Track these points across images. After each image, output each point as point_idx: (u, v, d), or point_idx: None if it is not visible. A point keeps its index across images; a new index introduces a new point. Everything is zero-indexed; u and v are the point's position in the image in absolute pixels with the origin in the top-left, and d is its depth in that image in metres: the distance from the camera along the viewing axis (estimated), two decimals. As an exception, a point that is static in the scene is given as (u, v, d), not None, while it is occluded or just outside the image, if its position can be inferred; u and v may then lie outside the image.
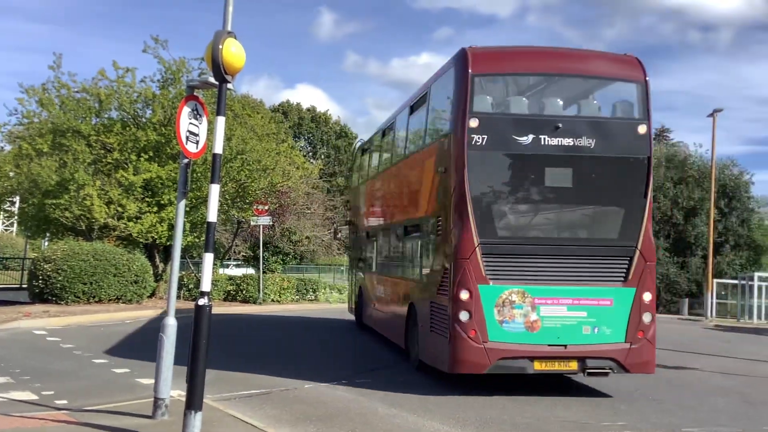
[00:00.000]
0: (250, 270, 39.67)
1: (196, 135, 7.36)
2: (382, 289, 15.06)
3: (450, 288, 9.37)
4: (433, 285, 10.26)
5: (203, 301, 6.50)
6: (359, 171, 19.00)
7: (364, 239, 17.45)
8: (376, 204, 16.14)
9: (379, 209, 15.67)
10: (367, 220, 17.17)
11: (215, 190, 6.73)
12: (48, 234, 26.24)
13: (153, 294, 22.66)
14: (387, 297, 14.42)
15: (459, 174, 9.32)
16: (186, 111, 7.23)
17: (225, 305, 23.86)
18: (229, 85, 6.85)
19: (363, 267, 17.65)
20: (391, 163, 14.33)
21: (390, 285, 14.14)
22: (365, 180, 17.57)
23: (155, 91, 21.93)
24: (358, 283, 18.31)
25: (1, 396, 8.36)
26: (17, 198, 26.40)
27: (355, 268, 19.03)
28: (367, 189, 17.13)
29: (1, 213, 33.48)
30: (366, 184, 17.37)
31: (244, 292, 25.24)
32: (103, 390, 8.93)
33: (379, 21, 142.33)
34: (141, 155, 20.87)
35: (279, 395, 9.09)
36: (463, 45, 9.95)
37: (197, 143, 7.41)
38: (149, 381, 8.26)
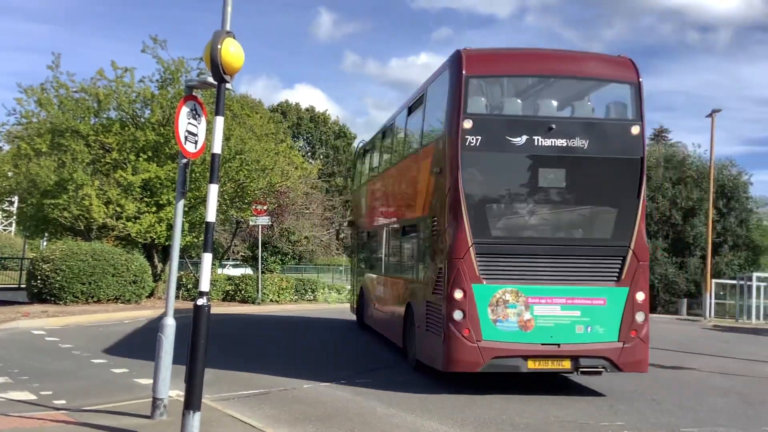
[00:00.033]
0: (246, 270, 39.70)
1: (194, 135, 7.36)
2: (381, 289, 15.12)
3: (444, 287, 9.46)
4: (429, 284, 10.33)
5: (202, 301, 6.49)
6: (360, 171, 19.10)
7: (365, 239, 17.54)
8: (376, 204, 16.21)
9: (379, 210, 15.73)
10: (368, 220, 17.24)
11: (214, 190, 6.72)
12: (46, 234, 26.20)
13: (152, 294, 22.65)
14: (386, 297, 14.47)
15: (453, 174, 9.41)
16: (185, 111, 7.23)
17: (224, 305, 23.85)
18: (228, 85, 6.85)
19: (364, 267, 17.74)
20: (390, 164, 14.39)
21: (388, 285, 14.19)
22: (366, 180, 17.68)
23: (154, 91, 21.92)
24: (359, 284, 18.37)
25: (0, 396, 8.35)
26: (16, 198, 26.39)
27: (357, 268, 19.13)
28: (368, 189, 17.21)
29: (0, 213, 33.46)
30: (367, 184, 17.46)
31: (242, 292, 25.24)
32: (102, 390, 8.93)
33: (378, 21, 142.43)
34: (140, 155, 20.86)
35: (278, 395, 9.08)
36: (462, 45, 10.00)
37: (196, 143, 7.41)
38: (148, 381, 8.26)
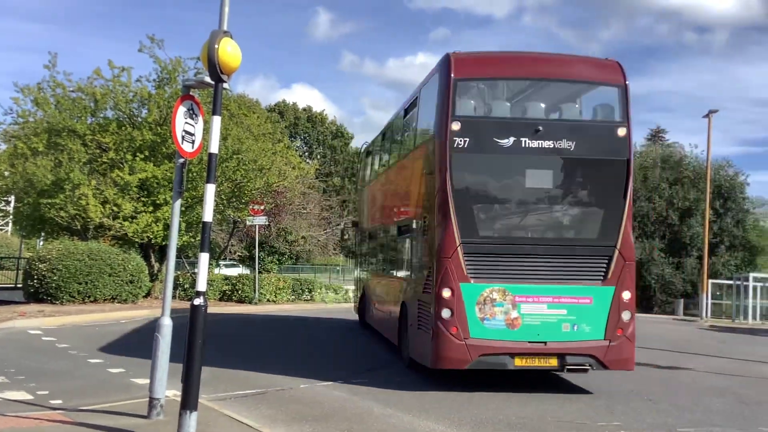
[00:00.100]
0: (240, 269, 39.67)
1: (191, 134, 7.36)
2: (380, 289, 15.30)
3: (433, 286, 9.62)
4: (420, 284, 10.52)
5: (199, 301, 6.49)
6: (363, 173, 19.41)
7: (366, 240, 17.76)
8: (376, 205, 16.42)
9: (378, 210, 15.94)
10: (369, 221, 17.49)
11: (211, 189, 6.72)
12: (43, 233, 26.15)
13: (148, 294, 22.62)
14: (384, 296, 14.64)
15: (441, 175, 9.57)
16: (182, 110, 7.23)
17: (221, 305, 23.83)
18: (225, 85, 6.85)
19: (365, 267, 17.95)
20: (388, 166, 14.61)
21: (387, 284, 14.37)
22: (367, 182, 17.96)
23: (151, 91, 21.87)
24: (361, 283, 18.57)
25: (-4, 396, 8.33)
26: (12, 197, 26.33)
27: (359, 268, 19.35)
28: (369, 191, 17.47)
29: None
30: (368, 185, 17.73)
31: (239, 292, 25.23)
32: (99, 390, 8.91)
33: (376, 21, 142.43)
34: (136, 155, 20.82)
35: (275, 395, 9.08)
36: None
37: (193, 143, 7.41)
38: (144, 381, 8.25)
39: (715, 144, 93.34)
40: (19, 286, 24.04)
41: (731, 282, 32.91)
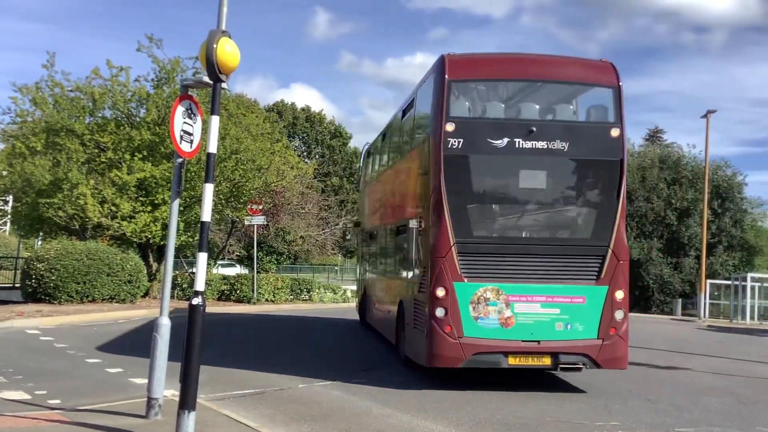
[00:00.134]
0: (237, 269, 39.66)
1: (190, 134, 7.35)
2: (379, 289, 15.42)
3: (427, 285, 9.70)
4: (416, 283, 10.61)
5: (197, 301, 6.49)
6: (364, 173, 19.54)
7: (367, 240, 17.91)
8: (376, 206, 16.56)
9: (378, 211, 16.07)
10: (369, 221, 17.62)
11: (209, 189, 6.72)
12: (41, 233, 26.11)
13: (147, 294, 22.61)
14: (383, 296, 14.74)
15: (436, 176, 9.65)
16: (180, 110, 7.22)
17: (219, 305, 23.82)
18: (224, 85, 6.85)
19: (366, 267, 18.09)
20: (387, 166, 14.75)
21: (385, 284, 14.48)
22: (368, 182, 18.09)
23: (149, 91, 21.85)
24: (362, 284, 18.68)
25: (-6, 396, 8.32)
26: (10, 197, 26.30)
27: (361, 268, 19.49)
28: (369, 191, 17.62)
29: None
30: (369, 186, 17.86)
31: (238, 291, 25.22)
32: (97, 389, 8.90)
33: (374, 21, 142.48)
34: (135, 154, 20.81)
35: (273, 395, 9.08)
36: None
37: (191, 142, 7.40)
38: (143, 381, 8.25)
39: (714, 144, 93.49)
40: (17, 285, 24.02)
41: (729, 282, 32.93)
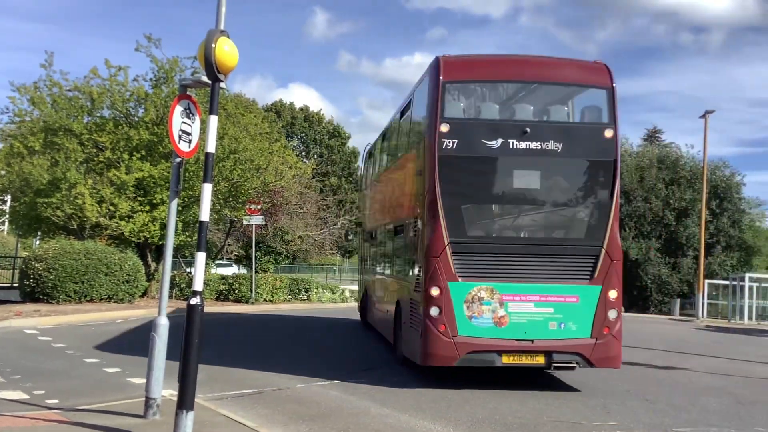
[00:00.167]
0: (234, 268, 39.61)
1: (188, 134, 7.35)
2: (379, 288, 15.51)
3: (422, 285, 9.77)
4: (412, 282, 10.68)
5: (195, 301, 6.48)
6: (365, 174, 19.66)
7: (368, 240, 18.02)
8: (375, 206, 16.66)
9: (377, 211, 16.17)
10: (370, 221, 17.75)
11: (207, 189, 6.71)
12: (39, 233, 26.09)
13: (145, 293, 22.60)
14: (382, 296, 14.82)
15: (430, 176, 9.72)
16: (178, 110, 7.22)
17: (217, 305, 23.81)
18: (222, 84, 6.85)
19: (367, 267, 18.20)
20: (386, 167, 14.83)
21: (384, 284, 14.55)
22: (369, 183, 18.20)
23: (148, 90, 21.82)
24: (363, 283, 18.78)
25: (-8, 395, 8.31)
26: (8, 196, 26.25)
27: (362, 268, 19.62)
28: (370, 191, 17.74)
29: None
30: (369, 186, 17.98)
31: (236, 291, 25.21)
32: (95, 389, 8.90)
33: (373, 21, 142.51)
34: (133, 154, 20.79)
35: (271, 395, 9.08)
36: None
37: (190, 142, 7.40)
38: (141, 380, 8.24)
39: (712, 144, 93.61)
40: (16, 285, 23.98)
41: (727, 282, 32.99)
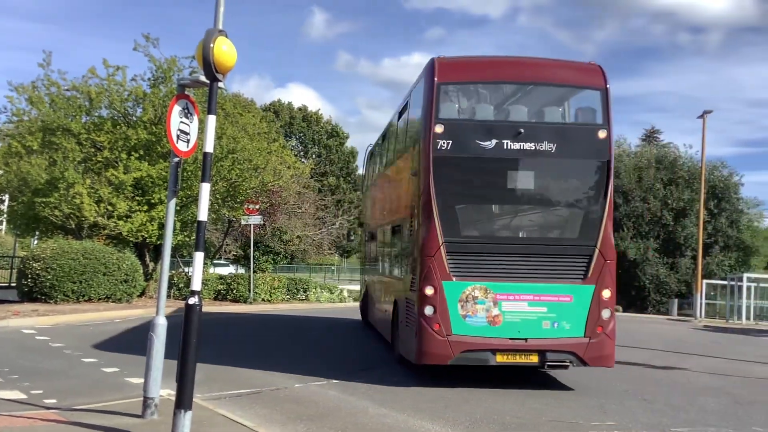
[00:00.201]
0: (230, 268, 39.56)
1: (186, 134, 7.34)
2: (378, 288, 15.60)
3: (417, 284, 9.83)
4: (407, 282, 10.76)
5: (193, 300, 6.47)
6: (367, 174, 19.79)
7: (369, 240, 18.13)
8: (375, 206, 16.76)
9: (378, 211, 16.25)
10: (370, 221, 17.86)
11: (206, 188, 6.70)
12: (37, 232, 26.02)
13: (143, 293, 22.57)
14: (381, 295, 14.90)
15: (425, 177, 9.80)
16: (177, 109, 7.21)
17: (216, 304, 23.80)
18: (220, 84, 6.83)
19: (368, 267, 18.32)
20: (385, 167, 14.91)
21: (383, 283, 14.64)
22: (370, 183, 18.34)
23: (146, 90, 21.81)
24: (365, 283, 18.86)
25: (-10, 395, 8.29)
26: (6, 196, 26.22)
27: (364, 268, 19.75)
28: (371, 192, 17.87)
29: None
30: (370, 187, 18.11)
31: (234, 291, 25.18)
32: (93, 389, 8.89)
33: (371, 21, 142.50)
34: (131, 154, 20.76)
35: (269, 395, 9.07)
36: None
37: (188, 142, 7.39)
38: (139, 380, 8.23)
39: (710, 144, 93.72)
40: (13, 285, 23.94)
41: (725, 282, 33.03)
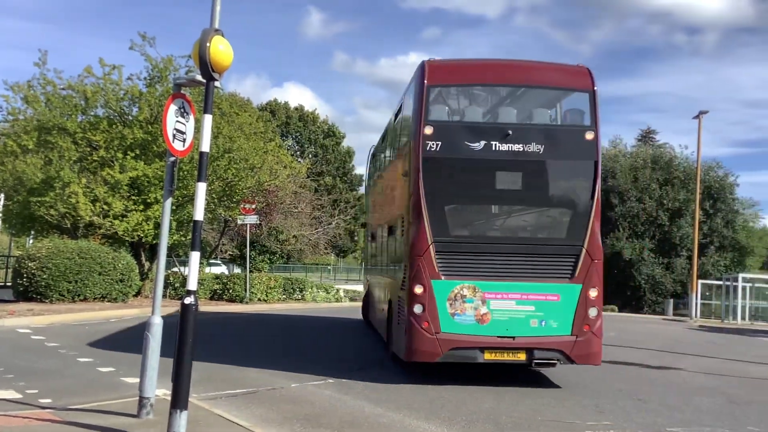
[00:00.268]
0: (223, 268, 39.51)
1: (182, 133, 7.33)
2: (376, 287, 15.77)
3: (407, 283, 9.98)
4: (399, 281, 10.90)
5: (189, 300, 6.46)
6: (368, 175, 20.03)
7: (370, 240, 18.32)
8: (375, 207, 16.99)
9: (377, 212, 16.45)
10: (371, 221, 18.13)
11: (202, 188, 6.70)
12: (33, 232, 25.98)
13: (138, 293, 22.53)
14: (379, 294, 15.06)
15: (415, 177, 9.96)
16: (173, 109, 7.20)
17: (211, 304, 23.77)
18: (217, 83, 6.82)
19: (369, 267, 18.58)
20: (383, 168, 15.09)
21: (381, 283, 14.79)
22: (371, 184, 18.61)
23: (142, 89, 21.77)
24: (366, 283, 19.10)
25: (-16, 395, 8.27)
26: (2, 195, 26.15)
27: (365, 268, 20.12)
28: (372, 192, 18.17)
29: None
30: (371, 187, 18.37)
31: (230, 291, 25.17)
32: (88, 389, 8.86)
33: (368, 20, 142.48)
34: (127, 153, 20.73)
35: (266, 394, 9.07)
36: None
37: (184, 141, 7.38)
38: (134, 380, 8.22)
39: (706, 145, 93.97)
40: (9, 284, 23.90)
41: (720, 282, 33.13)
